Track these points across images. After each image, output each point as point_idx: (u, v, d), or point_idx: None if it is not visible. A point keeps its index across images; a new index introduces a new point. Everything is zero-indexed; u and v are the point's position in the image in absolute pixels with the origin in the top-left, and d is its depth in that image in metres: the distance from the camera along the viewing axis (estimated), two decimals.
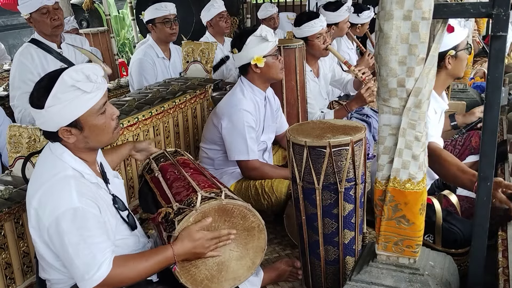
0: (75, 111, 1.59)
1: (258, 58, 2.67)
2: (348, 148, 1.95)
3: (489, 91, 1.50)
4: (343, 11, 4.42)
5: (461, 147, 2.97)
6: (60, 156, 1.66)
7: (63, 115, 1.59)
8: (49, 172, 1.64)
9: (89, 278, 1.56)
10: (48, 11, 3.00)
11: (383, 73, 1.56)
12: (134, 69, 3.86)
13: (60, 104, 1.57)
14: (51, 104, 1.57)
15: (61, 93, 1.56)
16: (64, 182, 1.61)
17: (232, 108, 2.73)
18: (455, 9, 1.51)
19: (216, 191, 1.83)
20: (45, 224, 1.59)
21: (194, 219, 1.71)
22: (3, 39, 7.76)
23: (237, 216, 1.79)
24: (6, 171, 2.34)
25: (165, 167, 2.10)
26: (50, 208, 1.57)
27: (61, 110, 1.57)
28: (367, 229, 2.39)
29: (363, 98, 3.27)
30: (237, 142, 2.70)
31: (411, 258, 1.72)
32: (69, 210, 1.56)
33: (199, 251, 1.71)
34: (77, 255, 1.56)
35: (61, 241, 1.57)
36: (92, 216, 1.60)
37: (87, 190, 1.64)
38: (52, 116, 1.59)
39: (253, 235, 1.84)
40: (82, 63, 3.27)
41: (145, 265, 1.66)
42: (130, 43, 9.49)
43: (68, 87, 1.56)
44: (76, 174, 1.65)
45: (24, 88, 3.00)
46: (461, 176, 2.10)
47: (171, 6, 3.82)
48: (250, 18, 6.86)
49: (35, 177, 1.68)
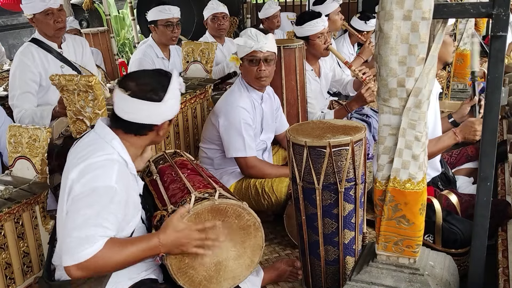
0: (176, 107, 1.80)
1: (234, 57, 2.68)
2: (348, 148, 1.95)
3: (489, 91, 1.50)
4: (330, 2, 4.43)
5: (457, 155, 3.00)
6: (110, 141, 1.71)
7: (173, 109, 1.78)
8: (97, 152, 1.68)
9: (77, 253, 1.54)
10: (53, 13, 3.00)
11: (383, 73, 1.56)
12: (133, 69, 3.86)
13: (174, 99, 1.76)
14: (168, 98, 1.73)
15: (176, 90, 1.76)
16: (110, 163, 1.66)
17: (229, 106, 2.73)
18: (455, 9, 1.52)
19: (210, 191, 1.83)
20: (76, 191, 1.62)
21: (187, 221, 1.71)
22: (3, 39, 7.75)
23: (231, 215, 1.78)
24: (6, 171, 2.34)
25: (163, 169, 2.11)
26: (88, 178, 1.61)
27: (174, 104, 1.77)
28: (367, 229, 2.40)
29: (364, 98, 3.27)
30: (234, 139, 2.70)
31: (411, 258, 1.73)
32: (105, 187, 1.61)
33: (183, 242, 1.68)
34: (80, 227, 1.57)
35: (78, 208, 1.60)
36: (118, 200, 1.64)
37: (126, 177, 1.71)
38: (166, 109, 1.75)
39: (250, 233, 1.84)
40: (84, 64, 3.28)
41: (130, 250, 1.63)
42: (130, 43, 9.49)
43: (176, 88, 1.76)
44: (121, 161, 1.70)
45: (24, 87, 3.00)
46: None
47: (175, 10, 3.82)
48: (250, 18, 6.86)
49: (78, 155, 1.70)
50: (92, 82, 2.08)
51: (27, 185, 2.14)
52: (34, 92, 3.03)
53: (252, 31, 2.66)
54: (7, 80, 4.18)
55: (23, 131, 2.18)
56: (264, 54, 2.66)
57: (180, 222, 1.69)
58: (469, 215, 2.28)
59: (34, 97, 3.03)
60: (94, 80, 2.08)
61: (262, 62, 2.67)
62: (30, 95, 3.01)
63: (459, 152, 3.00)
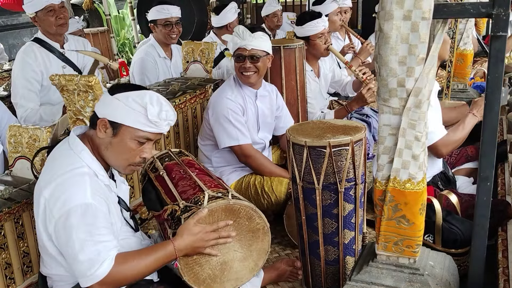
0: (125, 118, 1.67)
1: (227, 53, 2.68)
2: (348, 148, 1.95)
3: (489, 91, 1.50)
4: (329, 2, 4.43)
5: (456, 155, 3.01)
6: (79, 153, 1.69)
7: (115, 112, 1.67)
8: (66, 166, 1.66)
9: (91, 274, 1.57)
10: (54, 9, 3.01)
11: (383, 73, 1.56)
12: (136, 68, 3.86)
13: (123, 104, 1.66)
14: (118, 98, 1.67)
15: (132, 99, 1.67)
16: (80, 177, 1.63)
17: (216, 98, 2.77)
18: (455, 9, 1.52)
19: (223, 191, 1.85)
20: (55, 215, 1.60)
21: (200, 217, 1.71)
22: (3, 39, 7.75)
23: (243, 217, 1.79)
24: (6, 171, 2.34)
25: (170, 166, 2.11)
26: (62, 200, 1.59)
27: (119, 108, 1.67)
28: (367, 229, 2.40)
29: (364, 98, 3.27)
30: (224, 128, 2.71)
31: (411, 258, 1.72)
32: (81, 205, 1.58)
33: (199, 244, 1.71)
34: (83, 250, 1.57)
35: (69, 235, 1.58)
36: (102, 214, 1.62)
37: (100, 189, 1.68)
38: (110, 105, 1.68)
39: (258, 236, 1.85)
40: (85, 64, 3.28)
41: (146, 261, 1.67)
42: (130, 43, 9.49)
43: (141, 101, 1.66)
44: (91, 172, 1.68)
45: (27, 86, 3.00)
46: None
47: (174, 9, 3.81)
48: (250, 18, 6.86)
49: (49, 169, 1.69)
50: (92, 82, 2.08)
51: (27, 185, 2.14)
52: (37, 91, 3.04)
53: (240, 28, 2.67)
54: (7, 80, 4.18)
55: (23, 131, 2.18)
56: (249, 52, 2.66)
57: (195, 226, 1.70)
58: (469, 215, 2.28)
59: (37, 96, 3.04)
60: (94, 80, 2.08)
61: (247, 59, 2.67)
62: (33, 94, 3.02)
63: (459, 152, 3.00)
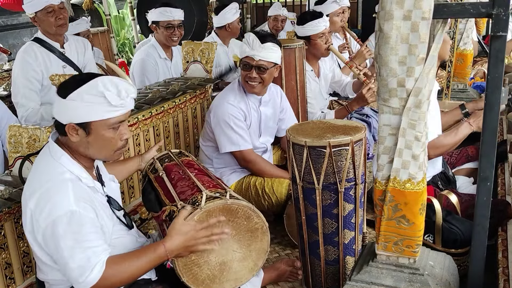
0: (90, 115, 1.62)
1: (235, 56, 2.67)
2: (348, 148, 1.95)
3: (489, 91, 1.50)
4: (330, 2, 4.42)
5: (457, 155, 3.01)
6: (58, 159, 1.67)
7: (77, 113, 1.62)
8: (47, 174, 1.65)
9: (83, 281, 1.57)
10: (54, 10, 3.01)
11: (383, 73, 1.56)
12: (136, 69, 3.85)
13: (81, 102, 1.60)
14: (72, 98, 1.60)
15: (87, 94, 1.60)
16: (62, 185, 1.62)
17: (218, 102, 2.76)
18: (455, 9, 1.52)
19: (221, 191, 1.84)
20: (41, 226, 1.59)
21: (198, 217, 1.71)
22: (3, 39, 7.76)
23: (241, 216, 1.79)
24: (6, 171, 2.33)
25: (169, 167, 2.11)
26: (47, 211, 1.58)
27: (79, 108, 1.60)
28: (367, 229, 2.40)
29: (365, 98, 3.27)
30: (225, 133, 2.70)
31: (411, 258, 1.73)
32: (66, 213, 1.57)
33: (190, 243, 1.69)
34: (72, 258, 1.57)
35: (57, 244, 1.58)
36: (88, 220, 1.61)
37: (84, 193, 1.65)
38: (68, 109, 1.62)
39: (256, 236, 1.84)
40: (85, 64, 3.28)
41: (138, 264, 1.66)
42: (130, 43, 9.49)
43: (96, 91, 1.60)
44: (73, 177, 1.66)
45: (28, 85, 3.00)
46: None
47: (177, 12, 3.79)
48: (250, 18, 6.86)
49: (32, 179, 1.69)
50: None
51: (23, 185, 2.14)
52: (37, 90, 3.04)
53: (251, 36, 2.62)
54: (7, 80, 4.18)
55: (23, 131, 2.18)
56: (257, 63, 2.62)
57: (184, 225, 1.68)
58: (469, 215, 2.28)
59: (37, 95, 3.04)
60: None
61: (254, 69, 2.64)
62: (34, 93, 3.02)
63: (459, 152, 3.01)
